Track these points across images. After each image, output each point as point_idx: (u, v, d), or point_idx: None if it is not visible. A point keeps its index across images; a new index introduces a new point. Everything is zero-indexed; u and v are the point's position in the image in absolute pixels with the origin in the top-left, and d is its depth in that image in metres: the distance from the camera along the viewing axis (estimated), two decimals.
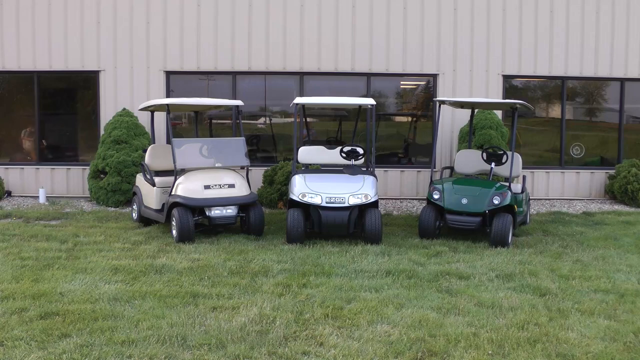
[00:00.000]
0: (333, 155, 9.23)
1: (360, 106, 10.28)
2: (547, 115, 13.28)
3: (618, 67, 12.46)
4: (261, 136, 12.90)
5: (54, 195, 12.06)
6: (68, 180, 12.27)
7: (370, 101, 8.95)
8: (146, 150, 9.76)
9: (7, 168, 12.31)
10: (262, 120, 12.87)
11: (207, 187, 8.43)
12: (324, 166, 9.54)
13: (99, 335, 4.76)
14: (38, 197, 11.69)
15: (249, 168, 9.32)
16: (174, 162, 8.56)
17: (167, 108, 8.97)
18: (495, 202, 8.28)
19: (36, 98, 12.25)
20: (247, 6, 12.04)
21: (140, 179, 9.64)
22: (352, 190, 8.24)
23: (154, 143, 10.32)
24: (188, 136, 11.92)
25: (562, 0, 12.22)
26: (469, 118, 10.60)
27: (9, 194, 12.17)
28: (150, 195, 9.15)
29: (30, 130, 12.45)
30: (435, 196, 8.53)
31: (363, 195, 8.23)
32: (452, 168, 10.17)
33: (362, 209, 8.30)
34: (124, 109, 11.56)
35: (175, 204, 8.32)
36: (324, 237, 8.41)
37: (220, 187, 8.52)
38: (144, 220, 9.37)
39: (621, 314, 5.46)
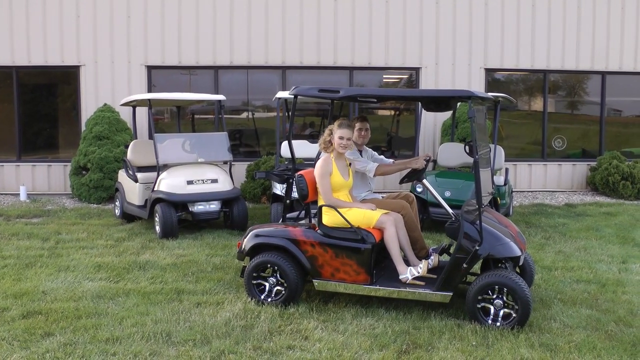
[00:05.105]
0: (316, 150, 9.18)
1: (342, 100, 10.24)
2: (530, 108, 13.39)
3: (599, 61, 12.59)
4: (244, 131, 12.84)
5: (35, 193, 11.90)
6: (49, 177, 12.10)
7: None
8: (128, 145, 9.68)
9: None
10: (244, 114, 12.80)
11: (190, 182, 8.38)
12: (307, 160, 9.53)
13: (83, 334, 4.71)
14: (19, 194, 11.52)
15: (232, 163, 9.28)
16: (157, 157, 8.50)
17: (149, 103, 8.88)
18: None
19: (15, 94, 12.04)
20: (228, 0, 11.95)
21: (122, 175, 9.55)
22: None
23: (136, 139, 10.22)
24: (170, 131, 11.82)
25: None
26: (451, 111, 10.64)
27: None
28: (132, 191, 9.07)
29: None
30: (419, 189, 8.56)
31: None
32: (435, 161, 10.21)
33: None
34: (105, 104, 11.41)
35: (158, 200, 8.26)
36: None
37: (203, 182, 8.47)
38: (127, 217, 9.29)
39: (602, 304, 5.53)
